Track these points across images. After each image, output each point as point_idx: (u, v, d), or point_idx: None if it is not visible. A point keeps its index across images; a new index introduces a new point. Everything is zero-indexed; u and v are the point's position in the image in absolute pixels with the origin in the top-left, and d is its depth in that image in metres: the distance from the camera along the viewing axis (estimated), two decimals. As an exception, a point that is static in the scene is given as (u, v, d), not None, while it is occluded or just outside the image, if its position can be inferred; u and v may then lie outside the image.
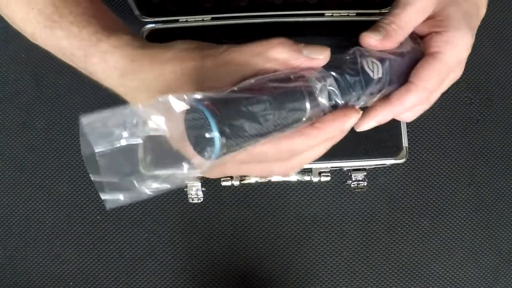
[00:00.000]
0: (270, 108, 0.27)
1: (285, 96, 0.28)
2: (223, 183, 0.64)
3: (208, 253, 0.78)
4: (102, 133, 0.25)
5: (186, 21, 0.64)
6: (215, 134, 0.25)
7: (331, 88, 0.31)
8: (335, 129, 0.31)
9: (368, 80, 0.34)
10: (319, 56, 0.31)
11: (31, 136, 0.81)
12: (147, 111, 0.26)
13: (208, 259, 0.78)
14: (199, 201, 0.68)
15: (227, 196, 0.79)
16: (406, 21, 0.37)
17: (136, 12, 0.62)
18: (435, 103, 0.41)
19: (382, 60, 0.36)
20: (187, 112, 0.27)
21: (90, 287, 0.78)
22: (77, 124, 0.81)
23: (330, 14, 0.63)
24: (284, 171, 0.32)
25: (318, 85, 0.31)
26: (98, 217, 0.79)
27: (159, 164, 0.28)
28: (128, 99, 0.34)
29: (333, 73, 0.32)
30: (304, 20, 0.63)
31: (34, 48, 0.83)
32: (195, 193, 0.67)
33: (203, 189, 0.67)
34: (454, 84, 0.41)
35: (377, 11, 0.64)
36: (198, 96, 0.26)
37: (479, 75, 0.82)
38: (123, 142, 0.26)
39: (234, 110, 0.26)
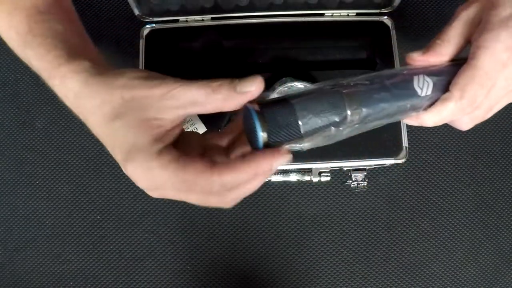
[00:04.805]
0: (303, 115, 0.34)
1: (320, 103, 0.34)
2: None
3: (208, 253, 0.78)
4: None
5: (186, 21, 0.64)
6: (258, 132, 0.32)
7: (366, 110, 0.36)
8: (266, 165, 0.33)
9: (413, 97, 0.37)
10: (251, 88, 0.34)
11: (31, 136, 0.81)
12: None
13: (208, 259, 0.78)
14: (199, 201, 0.68)
15: (227, 196, 0.79)
16: (449, 34, 0.39)
17: (136, 12, 0.62)
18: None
19: (433, 77, 0.38)
20: (244, 113, 0.35)
21: (90, 287, 0.78)
22: (76, 124, 0.81)
23: (330, 14, 0.63)
24: (223, 204, 0.35)
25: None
26: (98, 217, 0.79)
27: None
28: (81, 119, 0.37)
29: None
30: (304, 20, 0.63)
31: (34, 48, 0.83)
32: (195, 193, 0.67)
33: (203, 189, 0.67)
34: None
35: (377, 11, 0.64)
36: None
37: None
38: None
39: (277, 112, 0.33)
